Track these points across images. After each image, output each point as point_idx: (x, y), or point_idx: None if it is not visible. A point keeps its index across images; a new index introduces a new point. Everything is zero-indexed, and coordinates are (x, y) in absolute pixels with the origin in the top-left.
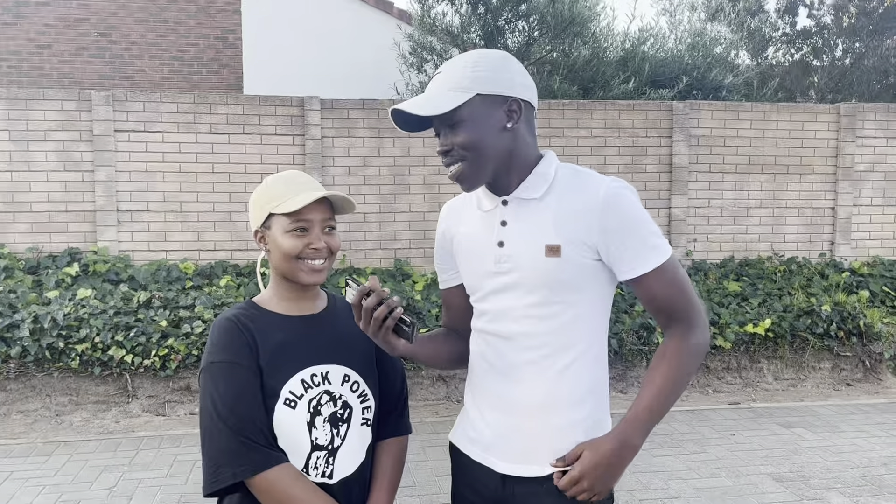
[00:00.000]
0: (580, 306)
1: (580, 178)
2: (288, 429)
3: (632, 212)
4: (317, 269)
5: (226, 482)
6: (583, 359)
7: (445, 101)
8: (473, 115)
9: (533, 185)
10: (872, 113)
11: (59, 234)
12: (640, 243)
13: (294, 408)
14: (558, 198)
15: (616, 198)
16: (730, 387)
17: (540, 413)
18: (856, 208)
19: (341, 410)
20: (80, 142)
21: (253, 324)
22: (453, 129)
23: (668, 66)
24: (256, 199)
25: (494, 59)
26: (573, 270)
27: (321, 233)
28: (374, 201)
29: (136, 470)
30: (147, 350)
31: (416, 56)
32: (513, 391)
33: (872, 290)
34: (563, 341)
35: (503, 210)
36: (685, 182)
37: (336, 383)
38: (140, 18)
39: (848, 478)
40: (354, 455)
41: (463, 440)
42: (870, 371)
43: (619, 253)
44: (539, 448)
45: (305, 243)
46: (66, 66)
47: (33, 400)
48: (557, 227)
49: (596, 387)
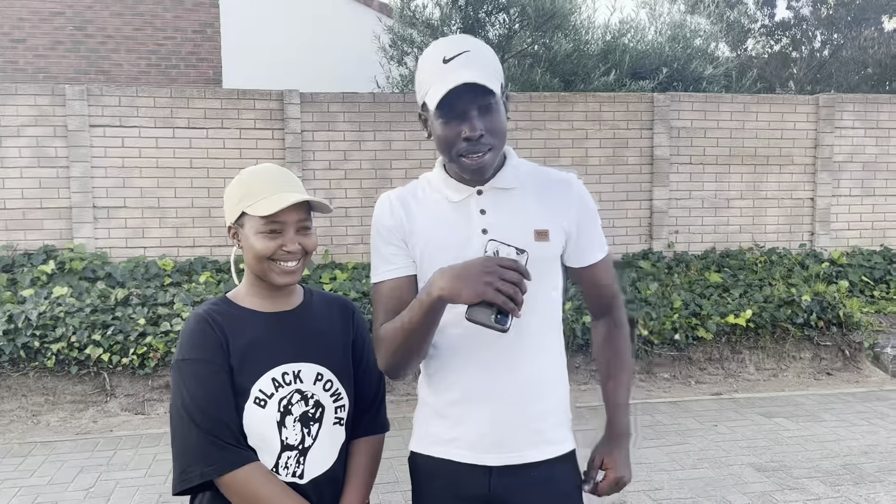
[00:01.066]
0: (554, 292)
1: (543, 170)
2: (257, 428)
3: (591, 203)
4: (289, 270)
5: (193, 482)
6: (556, 341)
7: (493, 81)
8: (500, 103)
9: (508, 175)
10: (851, 104)
11: (34, 232)
12: (597, 234)
13: (264, 407)
14: (534, 187)
15: (583, 190)
16: (712, 377)
17: (525, 399)
18: (835, 199)
19: (313, 410)
20: (55, 137)
21: (224, 321)
22: (488, 112)
23: (649, 58)
24: (230, 195)
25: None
26: (555, 255)
27: (295, 234)
28: (355, 195)
29: (115, 470)
30: (125, 348)
31: (396, 49)
32: (496, 380)
33: (852, 280)
34: (544, 326)
35: (479, 199)
36: (666, 174)
37: (308, 382)
38: (116, 12)
39: (829, 467)
40: (326, 455)
41: (436, 445)
42: (850, 360)
43: (584, 241)
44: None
45: (278, 245)
46: (40, 61)
47: (9, 400)
48: (541, 213)
49: (564, 368)
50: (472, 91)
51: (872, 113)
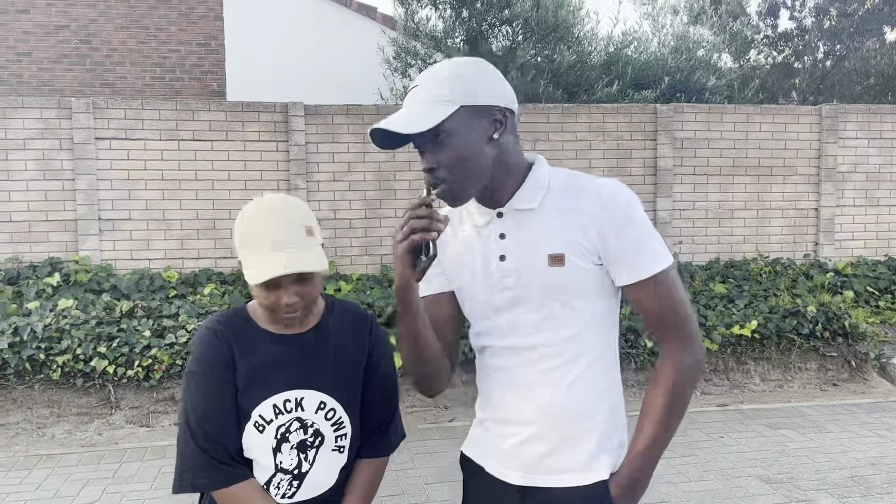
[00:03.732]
0: (589, 313)
1: (576, 181)
2: (253, 449)
3: (630, 214)
4: (291, 319)
5: (186, 490)
6: (595, 366)
7: (428, 117)
8: (459, 128)
9: (528, 194)
10: (854, 114)
11: (40, 244)
12: (638, 248)
13: (262, 432)
14: (556, 204)
15: (614, 198)
16: (717, 389)
17: (555, 423)
18: (839, 209)
19: (311, 438)
20: (61, 150)
21: (235, 338)
22: (438, 145)
23: (652, 69)
24: (235, 230)
25: (473, 68)
26: (578, 278)
27: (292, 284)
28: (359, 207)
29: (120, 483)
30: (130, 360)
31: (400, 61)
32: (526, 403)
33: (857, 291)
34: (574, 350)
35: (499, 223)
36: (670, 185)
37: (310, 410)
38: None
39: (836, 479)
40: (323, 480)
41: (477, 452)
42: (856, 371)
43: (616, 257)
44: (556, 458)
45: (275, 299)
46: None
47: (14, 413)
48: (559, 235)
49: (609, 393)
50: (420, 132)
51: (876, 123)
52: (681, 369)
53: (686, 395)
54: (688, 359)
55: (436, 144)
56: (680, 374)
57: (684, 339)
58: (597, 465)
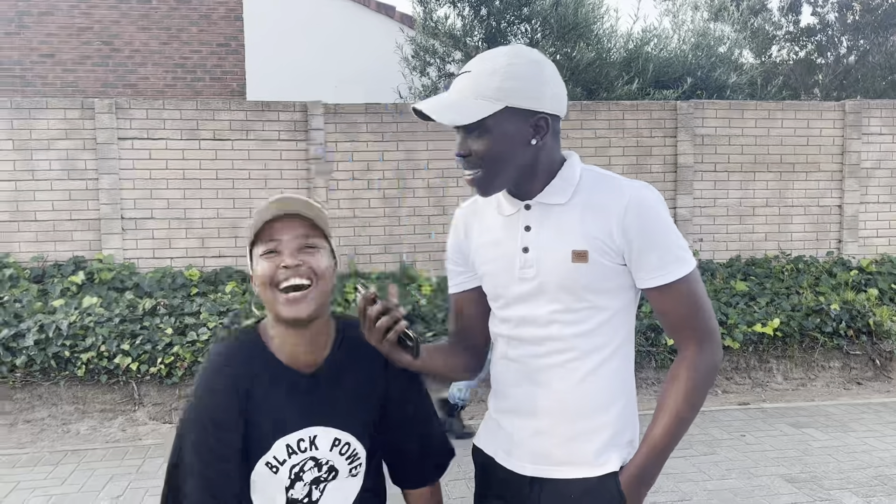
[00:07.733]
0: (607, 310)
1: (605, 181)
2: (265, 486)
3: (654, 218)
4: (295, 299)
5: None
6: (610, 362)
7: (471, 111)
8: (499, 127)
9: (558, 189)
10: (878, 110)
11: (64, 243)
12: (661, 252)
13: (276, 473)
14: (583, 202)
15: (639, 201)
16: (739, 387)
17: (567, 416)
18: (862, 206)
19: (325, 474)
20: (84, 150)
21: (248, 371)
22: (476, 137)
23: (672, 66)
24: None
25: (528, 68)
26: (600, 275)
27: (296, 250)
28: (378, 206)
29: (143, 478)
30: (153, 358)
31: (418, 59)
32: (540, 396)
33: (881, 288)
34: (590, 345)
35: (526, 215)
36: (690, 182)
37: (324, 449)
38: (143, 26)
39: (861, 478)
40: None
41: (488, 444)
42: (880, 370)
43: (638, 259)
44: (567, 451)
45: (277, 264)
46: (69, 75)
47: (39, 409)
48: (584, 231)
49: (623, 389)
50: None
51: None
52: (698, 370)
53: (701, 395)
54: (706, 361)
55: (473, 134)
56: (697, 376)
57: (703, 342)
58: (607, 459)
